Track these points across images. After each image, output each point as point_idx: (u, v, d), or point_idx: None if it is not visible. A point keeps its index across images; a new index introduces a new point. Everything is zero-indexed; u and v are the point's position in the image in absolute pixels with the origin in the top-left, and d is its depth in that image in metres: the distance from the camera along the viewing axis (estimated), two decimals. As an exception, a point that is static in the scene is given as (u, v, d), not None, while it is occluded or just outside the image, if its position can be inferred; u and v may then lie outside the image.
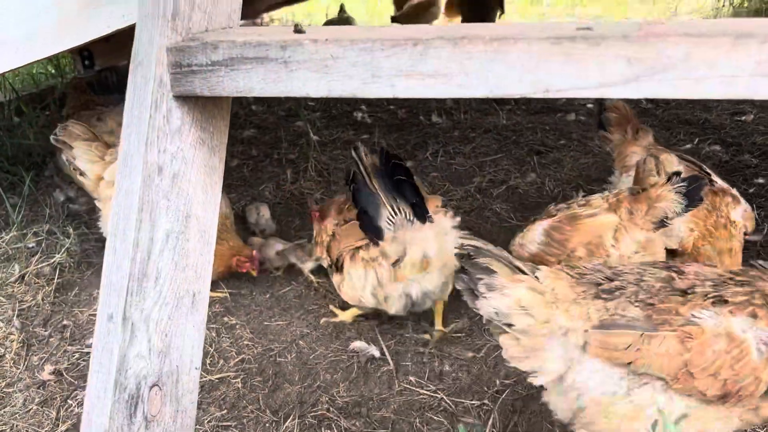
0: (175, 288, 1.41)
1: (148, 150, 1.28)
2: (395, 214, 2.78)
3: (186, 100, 1.40)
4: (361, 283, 2.96)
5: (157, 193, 1.32)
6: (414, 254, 2.81)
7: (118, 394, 1.22)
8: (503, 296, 1.96)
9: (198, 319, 1.51)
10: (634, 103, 6.40)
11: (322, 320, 3.27)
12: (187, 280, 1.46)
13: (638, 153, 3.39)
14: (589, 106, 6.46)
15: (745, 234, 3.12)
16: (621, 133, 3.60)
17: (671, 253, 3.00)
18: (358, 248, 2.96)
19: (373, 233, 2.83)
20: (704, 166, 3.30)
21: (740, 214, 3.09)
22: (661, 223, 2.77)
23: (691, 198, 2.68)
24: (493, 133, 5.74)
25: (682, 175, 2.73)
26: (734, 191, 3.18)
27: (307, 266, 3.61)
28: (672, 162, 3.17)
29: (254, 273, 3.59)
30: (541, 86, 1.22)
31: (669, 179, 2.71)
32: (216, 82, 1.33)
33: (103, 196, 3.42)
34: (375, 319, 3.24)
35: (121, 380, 1.23)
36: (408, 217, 2.77)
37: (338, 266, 3.06)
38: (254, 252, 3.56)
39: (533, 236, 3.10)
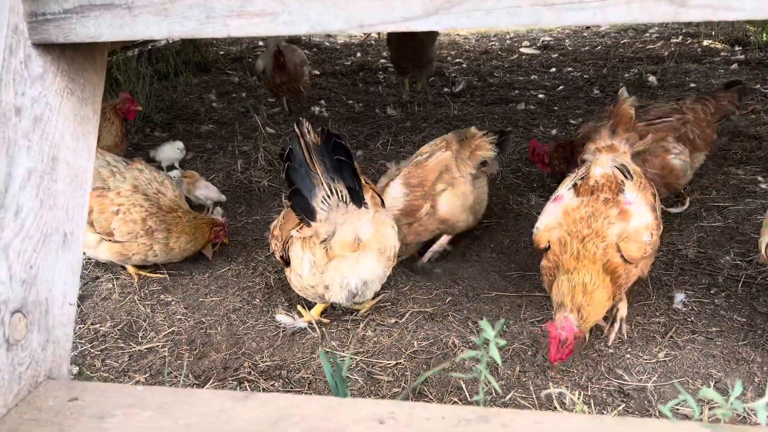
0: (41, 224, 1.51)
1: (2, 90, 1.39)
2: (331, 194, 2.70)
3: (48, 49, 1.51)
4: (300, 266, 2.87)
5: (16, 132, 1.42)
6: (344, 233, 2.72)
7: (-26, 314, 1.33)
8: None
9: (71, 258, 1.61)
10: (585, 93, 6.57)
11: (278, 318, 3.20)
12: (57, 219, 1.56)
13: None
14: (540, 96, 6.62)
15: (626, 261, 2.60)
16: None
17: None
18: (297, 230, 2.89)
19: (306, 214, 2.73)
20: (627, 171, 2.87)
21: (616, 231, 2.59)
22: (483, 164, 3.55)
23: (502, 149, 3.55)
24: (444, 123, 5.89)
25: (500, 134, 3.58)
26: (632, 206, 2.66)
27: None
28: (602, 162, 2.86)
29: (226, 241, 3.79)
30: (355, 22, 1.33)
31: (485, 134, 3.54)
32: (69, 29, 1.44)
33: None
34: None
35: (-24, 300, 1.33)
36: (343, 198, 2.70)
37: (286, 257, 2.99)
38: (223, 220, 3.77)
39: (395, 194, 3.42)
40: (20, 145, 1.44)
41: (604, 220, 2.60)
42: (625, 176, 2.78)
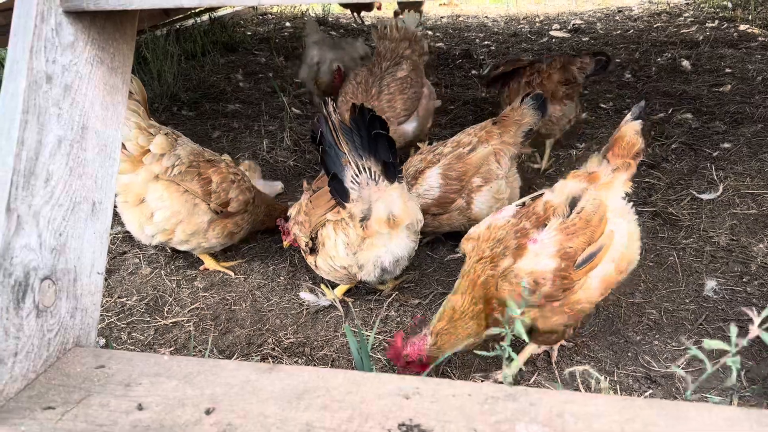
0: (71, 192, 1.52)
1: (34, 57, 1.39)
2: (359, 173, 2.70)
3: (80, 18, 1.51)
4: (333, 248, 2.84)
5: (46, 100, 1.43)
6: (379, 211, 2.72)
7: (4, 278, 1.33)
8: None
9: (100, 227, 1.62)
10: (616, 77, 6.44)
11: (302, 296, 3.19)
12: (86, 188, 1.57)
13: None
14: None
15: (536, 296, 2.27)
16: None
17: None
18: (333, 213, 2.85)
19: (341, 196, 2.71)
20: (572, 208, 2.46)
21: (505, 264, 2.30)
22: (528, 133, 3.42)
23: (543, 110, 3.41)
24: (471, 105, 5.83)
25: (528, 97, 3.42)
26: (534, 246, 2.30)
27: None
28: (560, 188, 2.51)
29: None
30: None
31: (522, 101, 3.42)
32: (100, -4, 1.44)
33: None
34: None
35: (5, 266, 1.34)
36: (372, 176, 2.70)
37: (313, 245, 2.96)
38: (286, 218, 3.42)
39: (431, 183, 3.32)
40: (51, 113, 1.45)
41: (504, 250, 2.33)
42: (565, 214, 2.36)
